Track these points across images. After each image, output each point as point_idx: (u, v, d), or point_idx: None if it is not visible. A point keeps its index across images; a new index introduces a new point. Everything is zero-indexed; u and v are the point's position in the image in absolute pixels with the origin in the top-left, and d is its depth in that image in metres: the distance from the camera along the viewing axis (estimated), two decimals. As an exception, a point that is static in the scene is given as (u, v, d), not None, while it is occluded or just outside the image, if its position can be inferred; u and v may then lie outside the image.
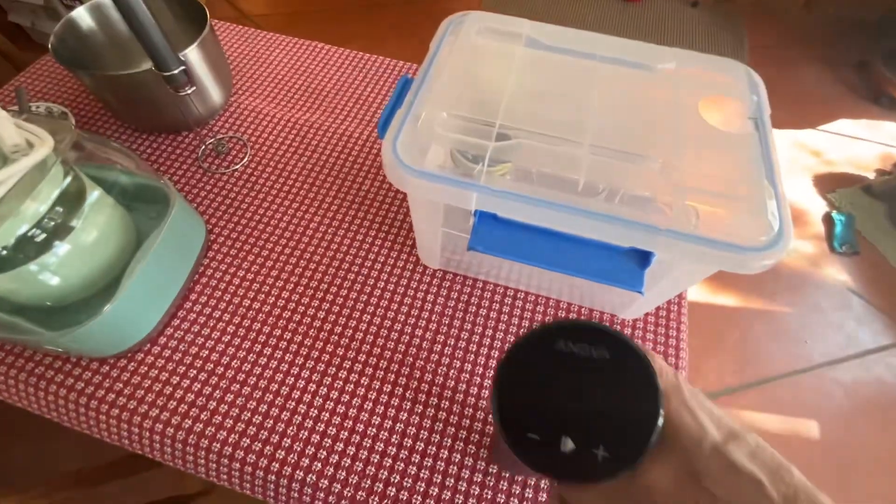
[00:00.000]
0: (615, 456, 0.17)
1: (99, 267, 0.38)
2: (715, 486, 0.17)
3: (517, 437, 0.18)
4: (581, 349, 0.18)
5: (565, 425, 0.17)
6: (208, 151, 0.56)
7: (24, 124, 0.32)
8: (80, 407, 0.40)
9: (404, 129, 0.33)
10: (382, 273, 0.48)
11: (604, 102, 0.34)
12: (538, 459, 0.17)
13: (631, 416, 0.17)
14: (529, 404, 0.18)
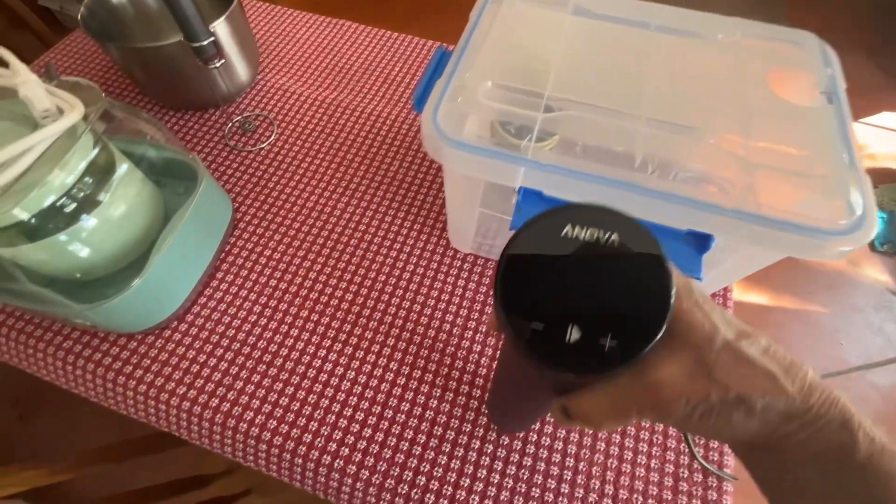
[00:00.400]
0: (623, 345, 0.16)
1: (128, 241, 0.37)
2: (728, 377, 0.16)
3: (521, 328, 0.16)
4: (590, 235, 0.17)
5: (571, 315, 0.16)
6: (235, 129, 0.55)
7: (54, 90, 0.31)
8: (108, 382, 0.40)
9: (445, 100, 0.31)
10: (411, 256, 0.47)
11: (660, 73, 0.32)
12: (542, 350, 0.16)
13: (641, 305, 0.16)
14: (534, 294, 0.16)
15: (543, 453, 0.37)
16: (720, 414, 0.17)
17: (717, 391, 0.16)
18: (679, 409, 0.17)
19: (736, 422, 0.17)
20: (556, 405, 0.20)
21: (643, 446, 0.38)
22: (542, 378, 0.21)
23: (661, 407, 0.17)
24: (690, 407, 0.17)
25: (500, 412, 0.35)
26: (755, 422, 0.16)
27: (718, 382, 0.16)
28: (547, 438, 0.38)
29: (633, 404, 0.17)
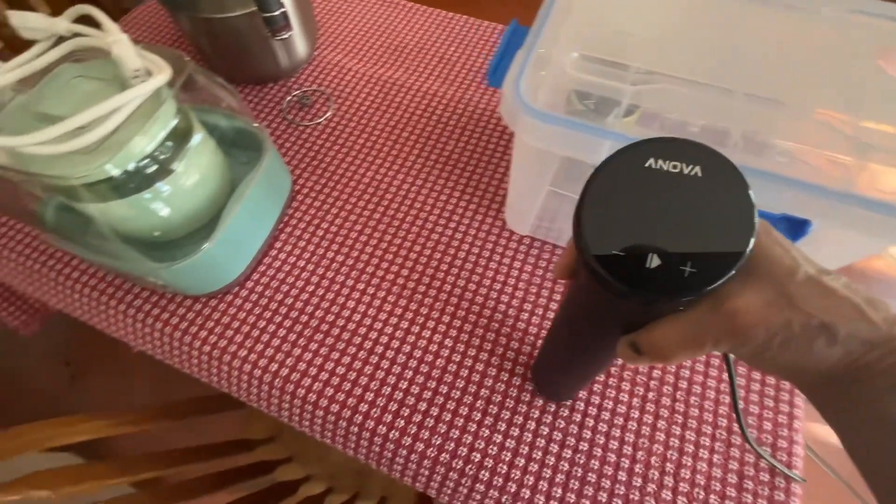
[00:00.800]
0: (703, 272, 0.16)
1: (200, 204, 0.38)
2: (810, 306, 0.16)
3: (602, 255, 0.16)
4: (673, 167, 0.17)
5: (652, 243, 0.16)
6: (293, 103, 0.56)
7: (143, 52, 0.32)
8: (174, 341, 0.41)
9: (527, 70, 0.30)
10: (466, 235, 0.46)
11: (759, 47, 0.30)
12: (623, 276, 0.16)
13: (722, 234, 0.16)
14: (616, 222, 0.17)
15: (600, 439, 0.36)
16: (801, 342, 0.16)
17: (799, 319, 0.16)
18: (758, 337, 0.16)
19: (817, 350, 0.16)
20: (625, 341, 0.20)
21: (705, 440, 0.36)
22: (614, 313, 0.21)
23: (738, 335, 0.17)
24: (770, 334, 0.16)
25: (552, 372, 0.34)
26: (837, 350, 0.16)
27: (800, 310, 0.16)
28: (604, 425, 0.37)
29: (709, 332, 0.17)
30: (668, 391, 0.38)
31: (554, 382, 0.36)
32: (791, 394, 0.38)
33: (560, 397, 0.38)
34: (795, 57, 0.31)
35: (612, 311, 0.21)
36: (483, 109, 0.55)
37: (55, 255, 0.45)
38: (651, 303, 0.17)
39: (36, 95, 0.32)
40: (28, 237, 0.46)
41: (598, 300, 0.20)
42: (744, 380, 0.39)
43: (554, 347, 0.31)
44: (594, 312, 0.22)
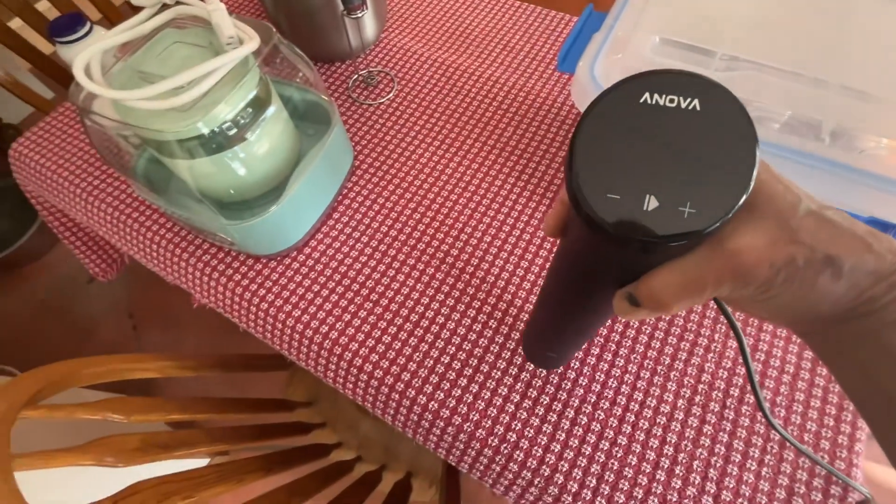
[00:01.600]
0: (703, 212, 0.15)
1: (271, 170, 0.41)
2: (814, 240, 0.15)
3: (596, 199, 0.15)
4: (670, 101, 0.16)
5: (649, 184, 0.15)
6: (358, 82, 0.58)
7: (236, 21, 0.35)
8: (236, 297, 0.44)
9: (603, 53, 0.30)
10: (518, 222, 0.46)
11: (860, 37, 0.28)
12: (619, 220, 0.15)
13: (723, 171, 0.15)
14: (610, 163, 0.16)
15: (640, 435, 0.36)
16: (805, 277, 0.16)
17: (802, 253, 0.16)
18: (761, 275, 0.16)
19: (822, 284, 0.16)
20: (621, 294, 0.19)
21: (755, 451, 0.35)
22: (609, 263, 0.19)
23: (741, 274, 0.16)
24: (774, 270, 0.16)
25: (544, 338, 0.33)
26: (842, 283, 0.16)
27: (804, 244, 0.16)
28: (646, 422, 0.36)
29: (710, 275, 0.16)
30: (717, 396, 0.37)
31: (546, 349, 0.34)
32: (855, 415, 0.36)
33: (551, 364, 0.37)
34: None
35: (607, 262, 0.19)
36: (544, 99, 0.55)
37: (139, 209, 0.49)
38: (649, 247, 0.16)
39: (140, 58, 0.35)
40: (118, 191, 0.50)
41: (593, 251, 0.19)
42: (803, 394, 0.37)
43: (545, 312, 0.29)
44: (588, 266, 0.21)
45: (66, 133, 0.55)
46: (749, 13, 0.30)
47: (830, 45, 0.28)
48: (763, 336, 0.39)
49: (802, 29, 0.29)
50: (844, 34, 0.28)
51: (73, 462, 0.30)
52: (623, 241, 0.16)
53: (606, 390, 0.38)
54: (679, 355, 0.39)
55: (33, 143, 0.54)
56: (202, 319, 1.08)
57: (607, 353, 0.39)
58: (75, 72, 0.31)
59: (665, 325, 0.40)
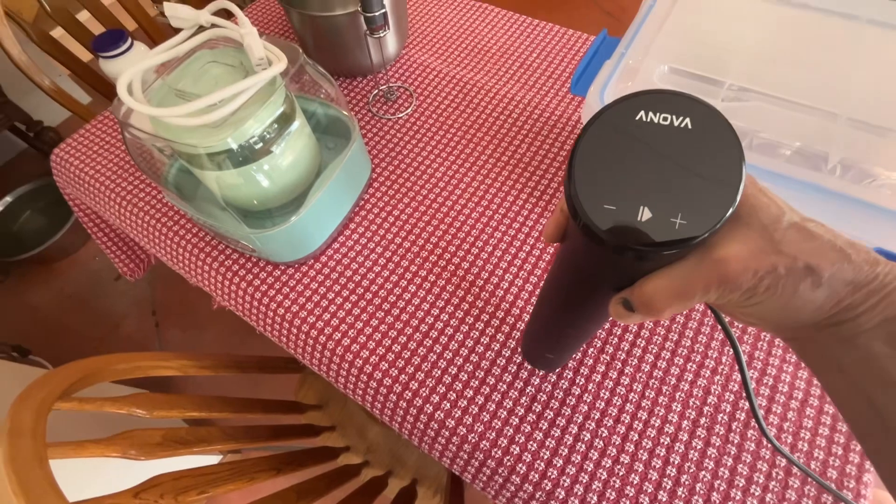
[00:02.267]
0: (693, 222, 0.16)
1: (292, 182, 0.43)
2: (796, 250, 0.17)
3: (594, 209, 0.17)
4: (663, 119, 0.17)
5: (643, 196, 0.16)
6: (378, 97, 0.60)
7: (266, 43, 0.37)
8: (255, 301, 0.46)
9: (614, 80, 0.31)
10: (529, 238, 0.47)
11: (868, 70, 0.28)
12: (615, 230, 0.16)
13: (712, 185, 0.16)
14: (607, 176, 0.17)
15: (643, 455, 0.36)
16: (787, 285, 0.17)
17: (784, 262, 0.16)
18: (745, 282, 0.17)
19: (803, 292, 0.17)
20: (616, 299, 0.20)
21: (759, 477, 0.35)
22: (605, 269, 0.20)
23: (727, 281, 0.17)
24: (758, 278, 0.17)
25: (543, 340, 0.34)
26: (822, 292, 0.17)
27: (786, 254, 0.17)
28: (649, 442, 0.36)
29: (698, 282, 0.18)
30: (722, 419, 0.37)
31: (544, 350, 0.35)
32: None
33: (550, 366, 0.37)
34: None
35: (603, 268, 0.20)
36: (559, 116, 0.56)
37: (168, 214, 0.52)
38: (642, 255, 0.17)
39: (176, 76, 0.38)
40: (149, 196, 0.53)
41: (590, 258, 0.20)
42: (812, 421, 0.37)
43: (544, 314, 0.30)
44: (585, 271, 0.22)
45: (104, 140, 0.58)
46: (757, 45, 0.30)
47: (838, 77, 0.28)
48: (772, 361, 0.39)
49: (810, 61, 0.29)
50: (852, 66, 0.29)
51: (101, 453, 0.32)
52: (618, 249, 0.17)
53: (611, 408, 0.38)
54: (685, 376, 0.39)
55: (73, 149, 0.58)
56: (221, 320, 1.12)
57: (612, 371, 0.40)
58: (119, 90, 0.33)
59: (672, 345, 0.41)
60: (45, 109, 1.31)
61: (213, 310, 1.06)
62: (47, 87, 0.71)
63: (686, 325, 0.41)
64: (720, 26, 0.32)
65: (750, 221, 0.17)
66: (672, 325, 0.42)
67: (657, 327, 0.42)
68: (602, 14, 1.68)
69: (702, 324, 0.41)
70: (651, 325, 0.42)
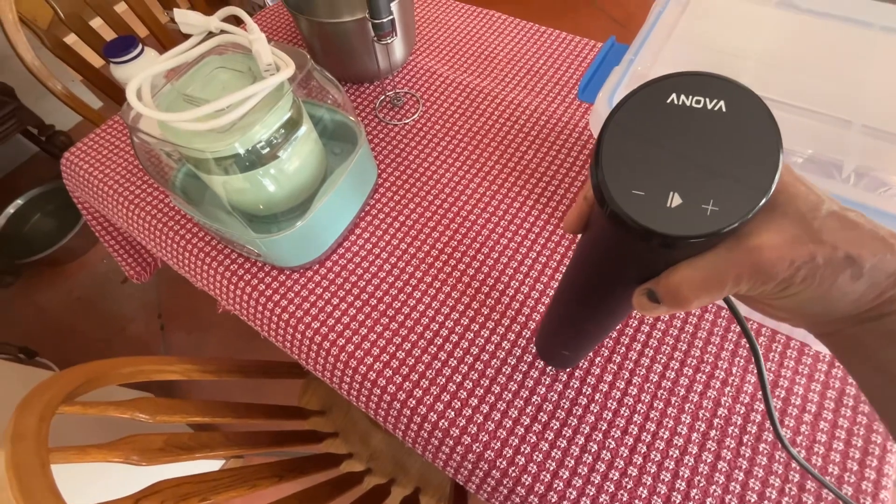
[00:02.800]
0: (726, 209, 0.15)
1: (298, 187, 0.43)
2: (835, 239, 0.16)
3: (622, 195, 0.16)
4: (695, 102, 0.16)
5: (673, 181, 0.16)
6: (385, 103, 0.60)
7: (274, 49, 0.37)
8: (259, 305, 0.46)
9: (622, 87, 0.31)
10: (535, 244, 0.47)
11: (882, 77, 0.28)
12: (644, 216, 0.16)
13: (747, 170, 0.15)
14: (636, 161, 0.16)
15: (651, 468, 0.35)
16: (825, 276, 0.16)
17: (823, 251, 0.16)
18: (782, 272, 0.16)
19: (842, 283, 0.16)
20: (640, 290, 0.20)
21: (771, 492, 0.34)
22: (631, 259, 0.20)
23: (761, 270, 0.16)
24: (794, 268, 0.16)
25: (560, 336, 0.33)
26: (862, 283, 0.16)
27: (826, 243, 0.16)
28: (657, 454, 0.36)
29: (730, 271, 0.17)
30: (733, 432, 0.36)
31: (560, 347, 0.34)
32: (881, 458, 0.34)
33: (565, 364, 0.37)
34: (929, 92, 0.28)
35: (629, 258, 0.20)
36: (566, 123, 0.56)
37: (175, 218, 0.52)
38: (671, 243, 0.16)
39: (185, 81, 0.38)
40: (157, 200, 0.53)
41: (616, 247, 0.19)
42: (825, 435, 0.36)
43: (562, 309, 0.29)
44: (609, 262, 0.21)
45: (113, 145, 0.59)
46: (769, 50, 0.30)
47: (851, 84, 0.28)
48: (784, 372, 0.38)
49: (823, 67, 0.29)
50: (866, 73, 0.28)
51: (104, 458, 0.32)
52: (646, 237, 0.16)
53: (618, 419, 0.37)
54: (695, 387, 0.38)
55: (83, 153, 0.58)
56: (225, 324, 1.12)
57: (620, 381, 0.39)
58: (128, 95, 0.33)
59: (681, 354, 0.40)
60: (57, 114, 1.33)
61: (219, 314, 1.06)
62: (59, 93, 0.72)
63: (695, 335, 0.41)
64: (731, 33, 0.32)
65: (786, 210, 0.16)
66: (681, 335, 0.41)
67: (665, 336, 0.41)
68: (609, 21, 1.68)
69: (711, 333, 0.41)
70: (659, 333, 0.41)
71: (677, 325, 0.41)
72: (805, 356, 0.39)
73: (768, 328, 0.41)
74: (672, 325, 0.41)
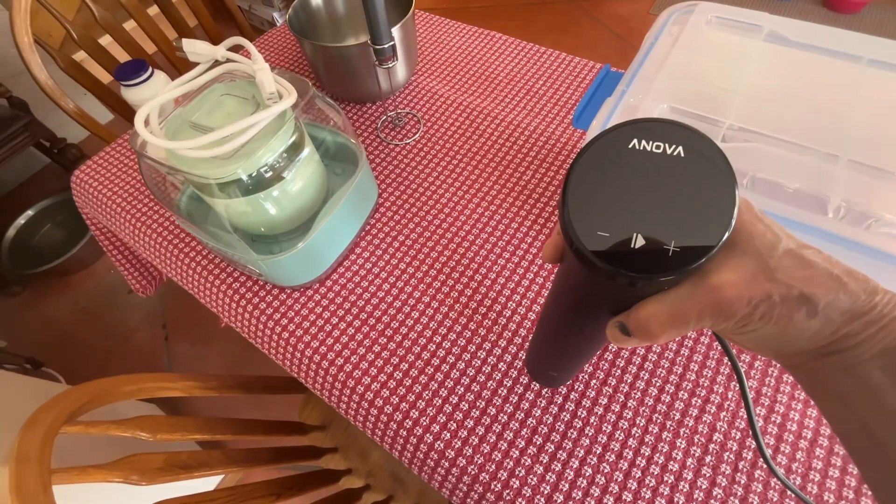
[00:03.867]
0: (687, 250, 0.16)
1: (300, 209, 0.44)
2: (791, 278, 0.16)
3: (588, 236, 0.17)
4: (656, 147, 0.17)
5: (637, 223, 0.16)
6: (387, 123, 0.61)
7: (277, 78, 0.38)
8: (259, 323, 0.47)
9: (614, 118, 0.31)
10: (532, 265, 0.47)
11: (869, 112, 0.28)
12: (608, 256, 0.16)
13: (705, 212, 0.16)
14: (601, 203, 0.17)
15: (646, 493, 0.35)
16: (782, 314, 0.16)
17: (779, 290, 0.16)
18: (740, 310, 0.17)
19: (798, 321, 0.16)
20: (612, 323, 0.20)
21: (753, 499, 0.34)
22: (601, 294, 0.20)
23: (721, 309, 0.17)
24: (752, 307, 0.17)
25: (544, 358, 0.34)
26: (817, 321, 0.16)
27: (781, 283, 0.16)
28: (652, 479, 0.36)
29: (693, 308, 0.17)
30: (728, 458, 0.36)
31: (547, 367, 0.35)
32: (877, 490, 0.34)
33: (553, 383, 0.37)
34: (915, 127, 0.29)
35: (599, 293, 0.20)
36: (564, 143, 0.57)
37: (180, 236, 0.53)
38: (636, 282, 0.17)
39: (191, 109, 0.39)
40: (162, 218, 0.55)
41: (586, 282, 0.20)
42: (821, 462, 0.36)
43: (546, 333, 0.30)
44: (582, 295, 0.22)
45: (122, 164, 0.60)
46: (757, 85, 0.31)
47: (838, 118, 0.28)
48: (780, 398, 0.38)
49: (810, 102, 0.30)
50: (852, 108, 0.29)
51: (104, 478, 0.33)
52: (611, 276, 0.17)
53: (613, 443, 0.37)
54: (689, 411, 0.38)
55: (93, 171, 0.60)
56: (229, 335, 1.13)
57: (615, 404, 0.39)
58: (136, 124, 0.35)
59: (676, 378, 0.40)
60: (68, 127, 1.36)
61: (221, 327, 1.07)
62: (71, 111, 0.74)
63: (691, 359, 0.41)
64: (720, 66, 0.33)
65: (745, 248, 0.17)
66: (676, 358, 0.41)
67: (661, 359, 0.41)
68: (611, 35, 1.70)
69: (707, 357, 0.41)
70: (655, 357, 0.41)
71: (672, 349, 0.42)
72: (801, 381, 0.39)
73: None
74: (667, 349, 0.42)
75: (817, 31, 0.32)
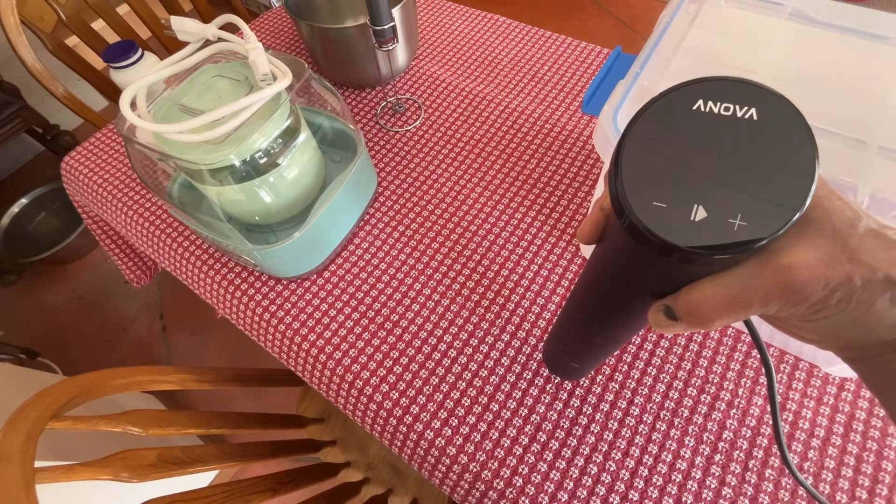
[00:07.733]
0: (755, 225, 0.14)
1: (296, 197, 0.42)
2: (875, 259, 0.14)
3: (641, 206, 0.15)
4: (725, 109, 0.15)
5: (698, 193, 0.15)
6: (387, 109, 0.59)
7: (271, 58, 0.36)
8: (255, 315, 0.46)
9: (627, 101, 0.29)
10: (536, 256, 0.46)
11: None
12: (664, 228, 0.15)
13: (777, 183, 0.14)
14: (658, 171, 0.15)
15: (653, 492, 0.34)
16: (862, 299, 0.15)
17: (861, 272, 0.15)
18: (815, 293, 0.15)
19: (880, 307, 0.15)
20: (657, 307, 0.18)
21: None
22: (649, 274, 0.19)
23: (792, 291, 0.15)
24: (829, 290, 0.15)
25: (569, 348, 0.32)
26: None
27: (864, 264, 0.15)
28: (659, 478, 0.35)
29: (757, 291, 0.16)
30: (738, 456, 0.35)
31: (569, 359, 0.33)
32: (891, 487, 0.33)
33: (573, 375, 0.36)
34: (950, 111, 0.27)
35: (647, 272, 0.19)
36: (570, 132, 0.55)
37: (173, 225, 0.51)
38: (693, 259, 0.15)
39: (181, 90, 0.37)
40: (155, 206, 0.53)
41: (633, 260, 0.18)
42: (834, 461, 0.34)
43: (572, 321, 0.28)
44: (625, 276, 0.20)
45: (113, 149, 0.58)
46: (780, 65, 0.29)
47: (867, 103, 0.27)
48: (792, 395, 0.37)
49: (837, 85, 0.28)
50: (883, 92, 0.27)
51: (92, 476, 0.32)
52: (666, 251, 0.15)
53: (619, 440, 0.36)
54: (699, 408, 0.37)
55: (83, 158, 0.58)
56: (227, 325, 1.12)
57: (621, 400, 0.38)
58: (121, 105, 0.33)
59: (685, 374, 0.39)
60: (61, 113, 1.34)
61: (218, 319, 1.06)
62: (61, 95, 0.72)
63: (700, 353, 0.40)
64: (741, 46, 0.31)
65: (821, 226, 0.15)
66: (685, 353, 0.40)
67: (669, 354, 0.40)
68: (616, 23, 1.66)
69: (716, 352, 0.40)
70: (663, 352, 0.40)
71: (681, 343, 0.40)
72: (814, 378, 0.38)
73: (776, 348, 0.40)
74: (676, 343, 0.40)
75: (844, 10, 0.30)
